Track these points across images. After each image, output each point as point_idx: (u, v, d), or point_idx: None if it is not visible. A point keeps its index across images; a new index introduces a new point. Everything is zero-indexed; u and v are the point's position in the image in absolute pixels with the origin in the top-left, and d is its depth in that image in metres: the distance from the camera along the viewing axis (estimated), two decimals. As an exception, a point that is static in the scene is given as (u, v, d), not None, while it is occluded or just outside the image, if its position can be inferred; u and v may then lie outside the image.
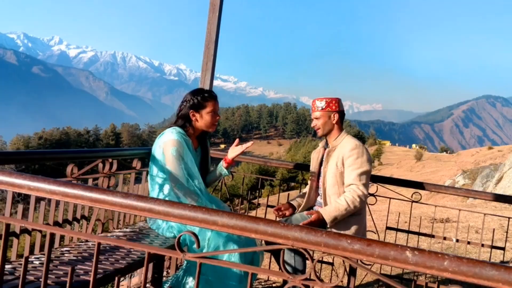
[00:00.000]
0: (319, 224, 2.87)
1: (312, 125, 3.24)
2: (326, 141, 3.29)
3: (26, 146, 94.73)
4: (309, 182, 3.35)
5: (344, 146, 3.07)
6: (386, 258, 1.12)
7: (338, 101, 3.18)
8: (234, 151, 3.11)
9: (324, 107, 3.13)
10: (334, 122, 3.15)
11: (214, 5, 3.67)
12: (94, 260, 1.33)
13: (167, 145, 2.77)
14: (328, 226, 2.90)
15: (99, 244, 1.35)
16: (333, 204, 2.95)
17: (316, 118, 3.17)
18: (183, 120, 2.95)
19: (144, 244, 1.33)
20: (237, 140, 3.22)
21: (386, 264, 1.14)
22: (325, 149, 3.28)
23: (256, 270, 1.31)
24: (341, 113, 3.19)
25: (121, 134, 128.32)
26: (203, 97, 2.96)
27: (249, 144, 3.13)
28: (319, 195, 3.27)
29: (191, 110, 2.93)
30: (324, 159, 3.21)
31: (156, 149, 2.84)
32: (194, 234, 1.28)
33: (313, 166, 3.32)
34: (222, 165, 3.19)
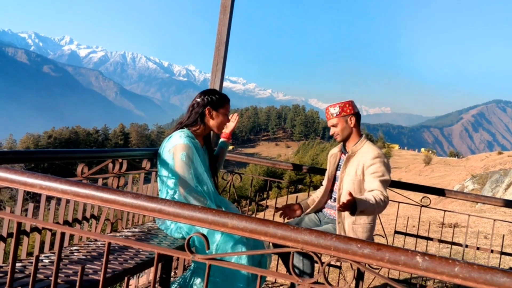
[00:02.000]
0: (350, 207, 2.60)
1: (330, 133, 3.15)
2: (344, 145, 3.21)
3: (36, 145, 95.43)
4: (324, 184, 3.30)
5: (365, 153, 2.98)
6: (396, 263, 1.11)
7: (352, 103, 3.10)
8: (227, 125, 3.40)
9: (338, 112, 3.05)
10: (352, 125, 3.08)
11: (225, 6, 3.68)
12: (104, 259, 1.34)
13: (176, 150, 2.76)
14: (355, 214, 2.66)
15: (109, 243, 1.36)
16: (369, 201, 2.70)
17: (333, 125, 3.09)
18: (196, 116, 2.94)
19: (153, 245, 1.34)
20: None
21: (396, 269, 1.13)
22: (342, 153, 3.23)
23: (265, 272, 1.30)
24: (357, 115, 3.11)
25: (130, 134, 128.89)
26: (222, 96, 2.99)
27: (235, 116, 3.41)
28: (330, 198, 3.25)
29: (208, 107, 2.94)
30: (342, 164, 3.13)
31: (165, 153, 2.83)
32: (204, 236, 1.28)
33: (331, 170, 3.24)
34: (223, 141, 3.42)
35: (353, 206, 2.62)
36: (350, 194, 2.63)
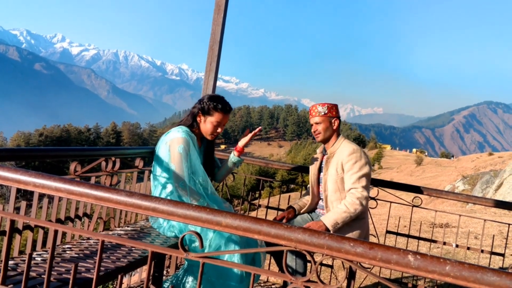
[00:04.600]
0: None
1: (312, 130, 3.20)
2: (324, 147, 3.28)
3: (27, 143, 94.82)
4: (309, 188, 3.34)
5: (342, 151, 3.06)
6: (388, 261, 1.12)
7: (337, 107, 3.19)
8: (243, 139, 3.22)
9: (326, 112, 3.11)
10: (334, 127, 3.15)
11: (219, 6, 3.68)
12: (98, 257, 1.34)
13: (173, 143, 2.80)
14: (330, 231, 2.90)
15: (102, 241, 1.36)
16: (333, 210, 2.97)
17: (317, 123, 3.14)
18: (191, 119, 2.99)
19: (146, 243, 1.34)
20: (247, 130, 3.29)
21: (388, 268, 1.14)
22: (323, 155, 3.28)
23: (258, 271, 1.31)
24: (340, 120, 3.20)
25: (122, 132, 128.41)
26: (214, 106, 2.97)
27: (256, 130, 3.22)
28: (321, 199, 3.28)
29: (199, 112, 2.97)
30: (323, 166, 3.20)
31: (161, 147, 2.86)
32: (198, 234, 1.29)
33: (313, 172, 3.30)
34: (233, 155, 3.27)
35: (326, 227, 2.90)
36: (315, 222, 2.94)
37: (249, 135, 3.23)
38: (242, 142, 3.23)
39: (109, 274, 2.03)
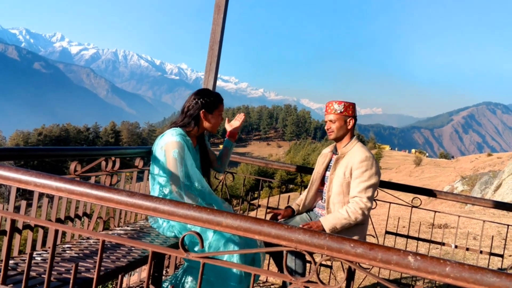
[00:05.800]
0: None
1: (326, 127, 3.14)
2: (335, 146, 3.23)
3: (26, 142, 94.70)
4: (309, 184, 3.32)
5: (354, 155, 2.99)
6: (388, 262, 1.13)
7: (355, 106, 3.10)
8: (231, 124, 3.41)
9: (342, 110, 3.03)
10: (349, 127, 3.08)
11: (219, 6, 3.68)
12: (98, 257, 1.35)
13: (168, 147, 2.78)
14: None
15: (103, 241, 1.36)
16: (334, 214, 2.94)
17: (331, 121, 3.07)
18: (190, 119, 2.95)
19: (147, 243, 1.34)
20: (227, 119, 3.42)
21: (388, 269, 1.15)
22: (333, 153, 3.24)
23: (258, 271, 1.31)
24: (355, 119, 3.11)
25: (121, 132, 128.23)
26: (215, 98, 2.99)
27: (242, 117, 3.42)
28: (321, 198, 3.26)
29: (203, 110, 2.95)
30: (331, 165, 3.15)
31: (157, 150, 2.85)
32: (198, 234, 1.29)
33: (318, 170, 3.26)
34: (229, 141, 3.39)
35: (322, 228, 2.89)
36: (314, 222, 2.93)
37: (239, 122, 3.39)
38: (230, 127, 3.41)
39: (109, 274, 2.03)
